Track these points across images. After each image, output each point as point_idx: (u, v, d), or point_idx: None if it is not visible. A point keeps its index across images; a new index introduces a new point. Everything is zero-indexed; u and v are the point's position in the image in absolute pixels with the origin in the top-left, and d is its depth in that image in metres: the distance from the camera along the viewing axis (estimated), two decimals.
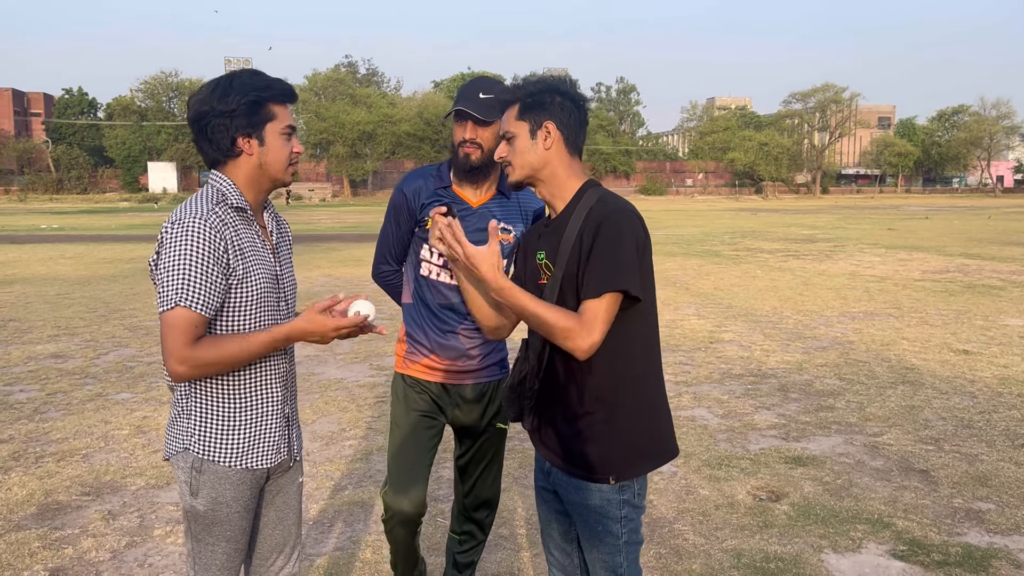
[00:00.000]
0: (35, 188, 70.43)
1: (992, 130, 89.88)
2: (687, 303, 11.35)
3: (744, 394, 6.56)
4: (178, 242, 1.98)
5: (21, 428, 5.70)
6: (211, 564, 2.20)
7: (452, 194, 2.81)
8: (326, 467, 4.92)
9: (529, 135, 2.15)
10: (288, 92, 2.16)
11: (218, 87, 2.11)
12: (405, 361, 2.95)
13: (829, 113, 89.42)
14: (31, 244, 22.21)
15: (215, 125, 2.10)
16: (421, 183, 2.84)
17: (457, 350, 2.86)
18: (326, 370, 7.41)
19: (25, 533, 3.99)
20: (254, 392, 2.17)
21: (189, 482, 2.15)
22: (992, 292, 12.26)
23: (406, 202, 2.84)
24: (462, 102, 2.70)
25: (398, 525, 2.89)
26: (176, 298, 1.95)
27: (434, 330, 2.86)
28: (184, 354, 1.96)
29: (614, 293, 2.02)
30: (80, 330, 9.35)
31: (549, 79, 2.19)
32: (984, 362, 7.61)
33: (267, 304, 2.16)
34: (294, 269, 2.42)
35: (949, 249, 19.69)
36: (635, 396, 2.15)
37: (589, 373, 2.12)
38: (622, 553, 2.19)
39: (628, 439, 2.14)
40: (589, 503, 2.18)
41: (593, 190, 2.16)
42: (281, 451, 2.25)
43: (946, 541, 3.87)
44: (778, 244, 21.79)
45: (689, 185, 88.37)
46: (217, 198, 2.10)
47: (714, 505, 4.31)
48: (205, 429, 2.14)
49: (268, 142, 2.13)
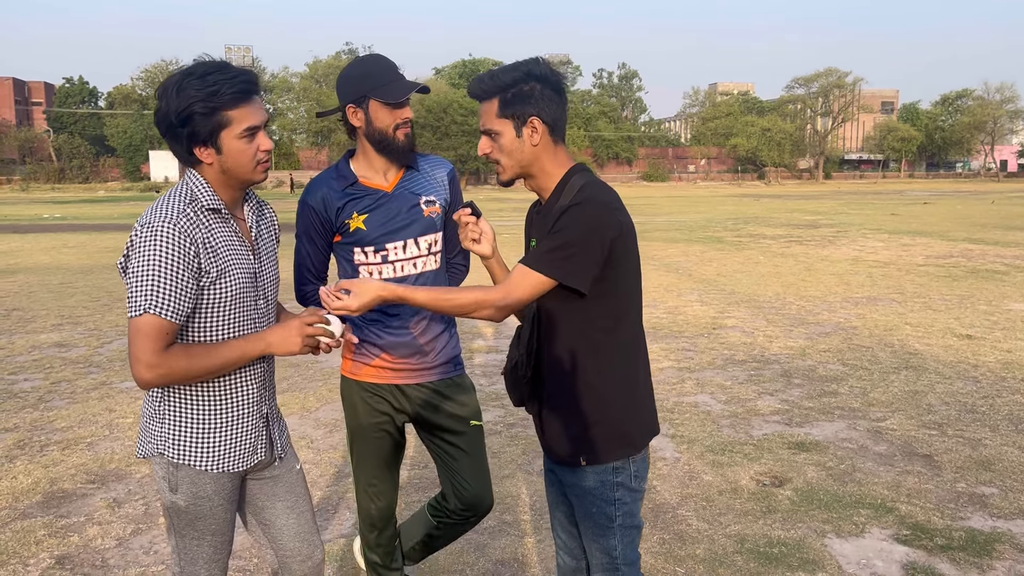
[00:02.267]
0: (37, 178, 70.39)
1: (996, 114, 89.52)
2: (690, 289, 11.34)
3: (747, 380, 6.56)
4: (146, 246, 1.93)
5: (26, 417, 5.72)
6: (197, 558, 2.19)
7: (362, 187, 2.65)
8: (330, 454, 4.93)
9: (514, 132, 2.11)
10: (242, 91, 2.01)
11: (167, 93, 1.99)
12: (354, 363, 2.77)
13: (832, 98, 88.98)
14: (34, 233, 22.22)
15: (171, 134, 2.02)
16: (325, 190, 2.66)
17: (410, 347, 2.71)
18: (329, 358, 7.42)
19: (31, 521, 4.01)
20: (229, 395, 2.13)
21: (168, 479, 2.12)
22: (996, 277, 12.23)
23: (316, 215, 2.66)
24: (399, 84, 2.56)
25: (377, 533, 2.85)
26: (145, 304, 1.91)
27: (385, 327, 2.70)
28: (152, 360, 1.92)
29: (548, 278, 2.02)
30: (83, 319, 9.36)
31: (525, 65, 2.11)
32: (987, 347, 7.60)
33: (244, 303, 2.11)
34: (278, 262, 2.37)
35: (952, 234, 19.64)
36: (601, 381, 2.15)
37: (560, 360, 2.14)
38: (616, 536, 2.19)
39: (595, 423, 2.15)
40: (584, 485, 2.19)
41: (578, 176, 2.14)
42: (259, 451, 2.22)
43: (949, 525, 3.88)
44: (781, 230, 21.74)
45: (691, 171, 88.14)
46: (189, 197, 2.04)
47: (717, 491, 4.32)
48: (179, 435, 2.10)
49: (226, 149, 2.02)
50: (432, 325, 2.74)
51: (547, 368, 2.18)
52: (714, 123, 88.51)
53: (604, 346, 2.13)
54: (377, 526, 2.87)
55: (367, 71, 2.60)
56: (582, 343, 2.12)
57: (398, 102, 2.57)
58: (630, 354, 2.19)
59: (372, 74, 2.58)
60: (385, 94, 2.56)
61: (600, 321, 2.12)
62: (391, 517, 2.89)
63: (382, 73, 2.58)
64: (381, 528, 2.88)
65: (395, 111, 2.58)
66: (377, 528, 2.87)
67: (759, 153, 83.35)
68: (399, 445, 2.85)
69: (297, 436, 5.21)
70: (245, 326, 2.13)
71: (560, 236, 2.03)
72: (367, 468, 2.82)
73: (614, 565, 2.21)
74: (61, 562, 3.60)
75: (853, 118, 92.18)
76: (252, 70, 2.12)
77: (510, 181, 2.20)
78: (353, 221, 2.63)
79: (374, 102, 2.57)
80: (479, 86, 2.15)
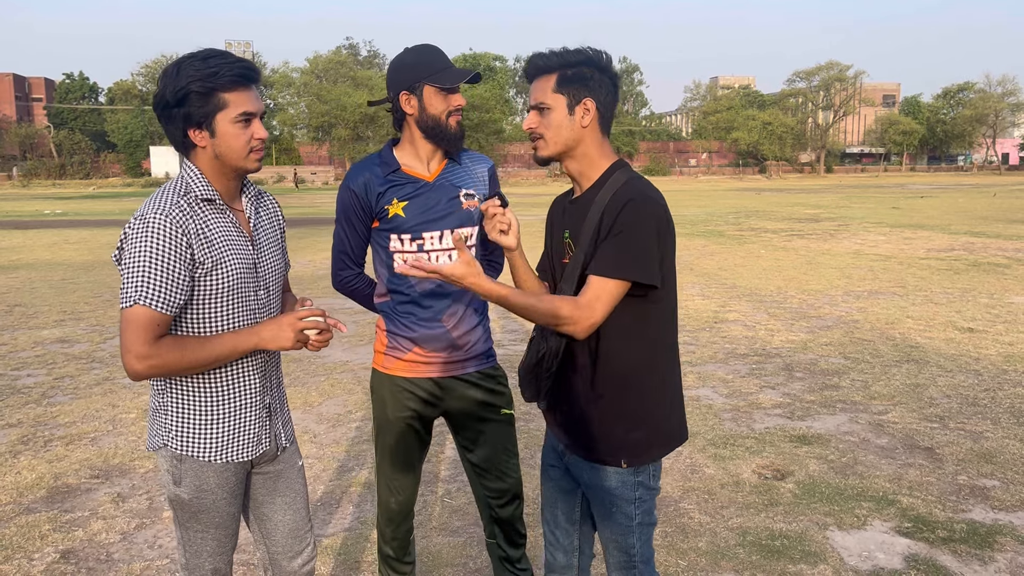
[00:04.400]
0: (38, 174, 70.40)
1: (997, 107, 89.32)
2: (691, 283, 11.34)
3: (749, 373, 6.56)
4: (139, 238, 1.94)
5: (29, 412, 5.73)
6: (201, 551, 2.20)
7: (404, 175, 2.66)
8: (332, 449, 4.94)
9: (567, 109, 2.09)
10: (241, 75, 2.02)
11: (167, 74, 2.01)
12: (386, 358, 2.76)
13: (833, 91, 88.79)
14: (35, 229, 22.23)
15: (166, 117, 2.03)
16: (367, 175, 2.67)
17: (443, 340, 2.70)
18: (332, 352, 7.43)
19: (35, 516, 4.03)
20: (229, 386, 2.14)
21: (172, 471, 2.13)
22: (997, 270, 12.23)
23: (357, 199, 2.66)
24: (453, 71, 2.60)
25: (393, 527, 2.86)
26: (136, 296, 1.92)
27: (418, 320, 2.69)
28: (142, 351, 1.93)
29: (622, 280, 1.99)
30: (86, 315, 9.37)
31: (589, 51, 2.10)
32: (989, 340, 7.60)
33: (241, 293, 2.11)
34: (286, 253, 2.37)
35: (954, 227, 19.62)
36: (650, 382, 2.13)
37: (606, 358, 2.10)
38: (635, 534, 2.19)
39: (641, 424, 2.12)
40: (605, 485, 2.17)
41: (621, 171, 2.12)
42: (262, 442, 2.23)
43: (951, 518, 3.88)
44: (782, 224, 21.73)
45: (692, 165, 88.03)
46: (183, 189, 2.05)
47: (719, 484, 4.33)
48: (182, 426, 2.11)
49: (219, 132, 2.03)
50: (465, 319, 2.72)
51: (585, 364, 2.13)
52: (715, 117, 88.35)
53: (652, 346, 2.12)
54: (395, 520, 2.88)
55: (421, 59, 2.62)
56: (631, 342, 2.09)
57: (452, 88, 2.60)
58: (673, 356, 2.19)
59: (426, 62, 2.60)
60: (441, 79, 2.58)
61: (650, 320, 2.09)
62: (409, 512, 2.90)
63: (435, 60, 2.60)
64: (399, 523, 2.89)
65: (449, 96, 2.60)
66: (395, 522, 2.89)
67: (760, 147, 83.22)
68: (424, 442, 2.85)
69: (300, 431, 5.22)
70: (244, 316, 2.13)
71: (625, 236, 1.99)
72: (390, 462, 2.83)
73: (632, 563, 2.21)
74: (66, 556, 3.62)
75: (854, 111, 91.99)
76: (252, 62, 2.13)
77: (548, 160, 2.16)
78: (392, 207, 2.63)
79: (428, 88, 2.58)
80: (541, 60, 2.12)
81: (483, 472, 2.85)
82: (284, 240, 2.37)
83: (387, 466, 2.83)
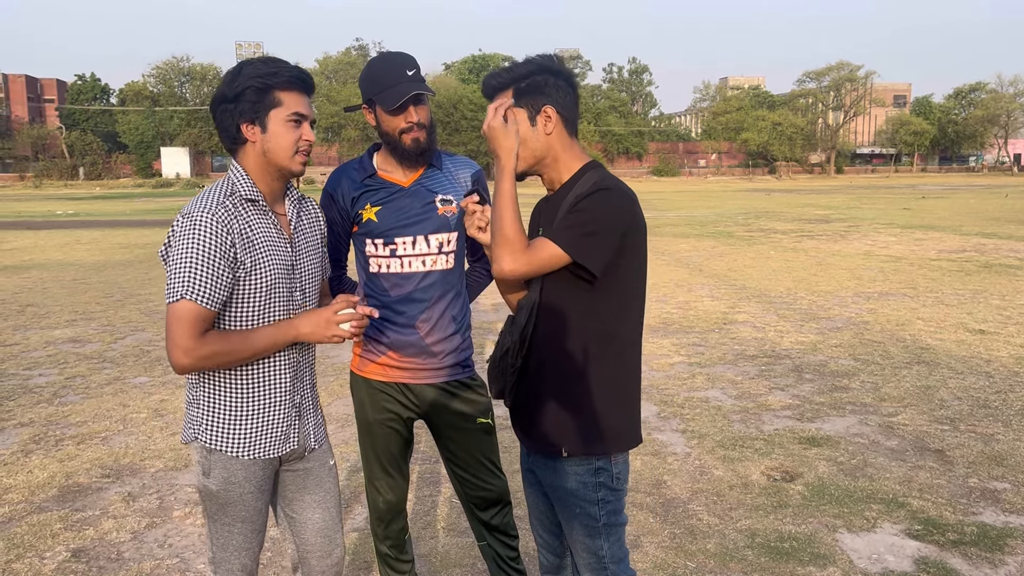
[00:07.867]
0: (49, 174, 70.84)
1: (1009, 107, 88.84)
2: (700, 284, 11.32)
3: (758, 375, 6.55)
4: (186, 235, 2.01)
5: (41, 412, 5.77)
6: (228, 544, 2.23)
7: (379, 180, 2.66)
8: (342, 449, 4.96)
9: (528, 122, 2.11)
10: (297, 79, 2.13)
11: (229, 74, 2.14)
12: (361, 360, 2.78)
13: (844, 92, 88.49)
14: (47, 230, 22.38)
15: (223, 111, 2.12)
16: (345, 180, 2.69)
17: (416, 346, 2.68)
18: (341, 353, 7.45)
19: (47, 515, 4.05)
20: (262, 382, 2.18)
21: (202, 463, 2.19)
22: (1009, 271, 12.16)
23: (334, 204, 2.68)
24: (405, 85, 2.50)
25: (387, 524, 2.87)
26: (182, 291, 1.98)
27: (391, 325, 2.68)
28: (188, 345, 1.99)
29: (564, 254, 2.00)
30: (97, 315, 9.43)
31: (538, 59, 2.13)
32: (1000, 342, 7.56)
33: (277, 295, 2.15)
34: (326, 258, 2.41)
35: (965, 228, 19.52)
36: (592, 375, 2.12)
37: (567, 353, 2.11)
38: (602, 535, 2.17)
39: (578, 414, 2.12)
40: (565, 486, 2.17)
41: (592, 172, 2.13)
42: (290, 440, 2.25)
43: (961, 520, 3.87)
44: (792, 225, 21.66)
45: (702, 166, 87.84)
46: (229, 190, 2.11)
47: (728, 485, 4.32)
48: (212, 420, 2.16)
49: (271, 128, 2.11)
50: (439, 326, 2.70)
51: (538, 358, 2.14)
52: (725, 117, 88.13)
53: (601, 340, 2.10)
54: (384, 519, 2.89)
55: (372, 74, 2.57)
56: (580, 335, 2.09)
57: (397, 108, 2.52)
58: (625, 353, 2.16)
59: (376, 78, 2.55)
60: (384, 99, 2.53)
61: (602, 314, 2.09)
62: (400, 512, 2.90)
63: (385, 76, 2.53)
64: (388, 522, 2.90)
65: (399, 115, 2.54)
66: (384, 521, 2.89)
67: (770, 147, 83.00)
68: (407, 441, 2.85)
69: None
70: (279, 316, 2.17)
71: (582, 215, 2.00)
72: (374, 463, 2.84)
73: (602, 564, 2.18)
74: (77, 555, 3.64)
75: (865, 112, 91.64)
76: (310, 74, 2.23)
77: (523, 174, 2.18)
78: (366, 212, 2.64)
79: (379, 106, 2.56)
80: (493, 80, 2.16)
81: (464, 480, 2.83)
82: (324, 245, 2.41)
83: (371, 467, 2.84)
